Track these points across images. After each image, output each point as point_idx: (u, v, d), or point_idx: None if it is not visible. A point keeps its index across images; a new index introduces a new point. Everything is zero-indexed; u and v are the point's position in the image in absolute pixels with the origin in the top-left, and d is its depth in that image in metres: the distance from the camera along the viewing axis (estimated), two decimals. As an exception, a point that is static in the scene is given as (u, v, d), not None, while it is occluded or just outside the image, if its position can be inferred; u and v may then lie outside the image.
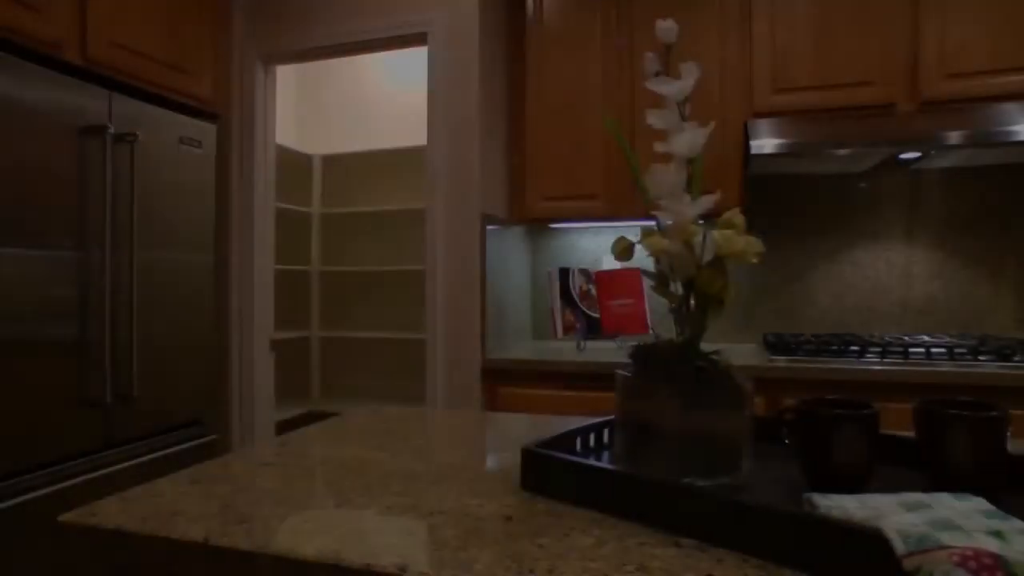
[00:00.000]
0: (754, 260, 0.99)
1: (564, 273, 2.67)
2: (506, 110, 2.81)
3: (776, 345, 2.33)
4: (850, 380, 2.14)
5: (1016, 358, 2.16)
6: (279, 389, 3.64)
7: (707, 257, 0.98)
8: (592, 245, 2.96)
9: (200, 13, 2.60)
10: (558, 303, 2.64)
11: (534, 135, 2.71)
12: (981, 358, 2.16)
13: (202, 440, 2.55)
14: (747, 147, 2.38)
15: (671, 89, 1.02)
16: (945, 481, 0.84)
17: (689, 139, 0.99)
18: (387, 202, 3.78)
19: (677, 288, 1.02)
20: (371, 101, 3.90)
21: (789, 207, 2.79)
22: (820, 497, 0.78)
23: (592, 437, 1.09)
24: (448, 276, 2.52)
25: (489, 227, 2.58)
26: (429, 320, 2.53)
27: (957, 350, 2.22)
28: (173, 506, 0.90)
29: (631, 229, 2.83)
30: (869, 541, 0.61)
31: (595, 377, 2.36)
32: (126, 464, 2.23)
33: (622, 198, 2.62)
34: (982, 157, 2.48)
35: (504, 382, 2.47)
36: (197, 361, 2.56)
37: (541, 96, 2.71)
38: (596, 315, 2.66)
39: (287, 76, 3.93)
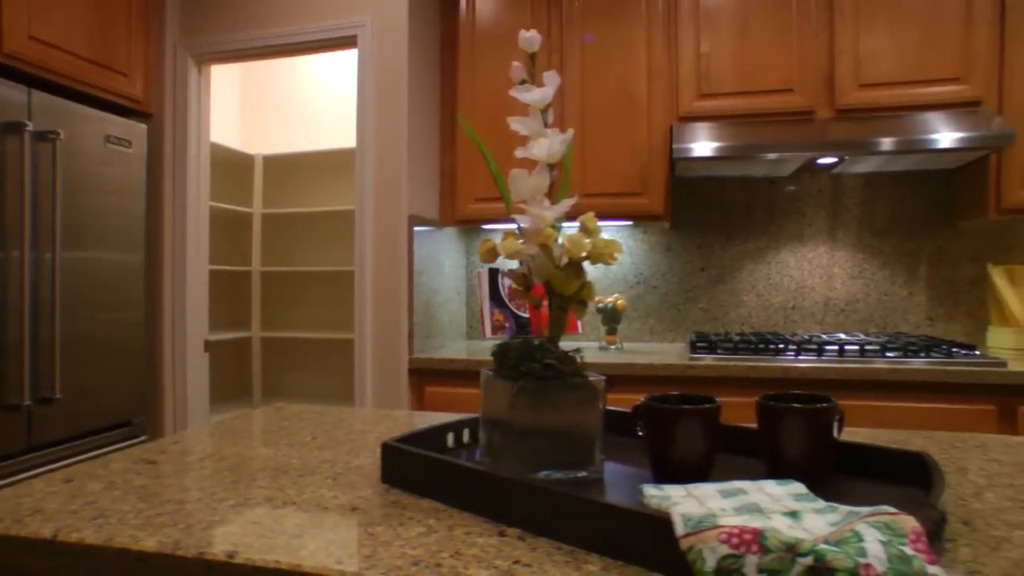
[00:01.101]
0: (611, 262, 1.03)
1: (493, 274, 2.70)
2: (438, 112, 2.83)
3: (699, 344, 2.39)
4: (767, 377, 2.20)
5: (920, 355, 2.24)
6: (220, 390, 3.62)
7: (564, 259, 1.01)
8: (526, 246, 3.00)
9: (130, 11, 2.59)
10: (487, 303, 2.67)
11: (465, 135, 2.74)
12: (888, 355, 2.24)
13: (132, 442, 2.53)
14: (672, 151, 2.43)
15: (533, 97, 1.06)
16: (779, 468, 0.89)
17: (548, 145, 1.03)
18: (329, 203, 3.78)
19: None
20: (315, 102, 3.90)
21: (717, 209, 2.86)
22: (652, 488, 0.82)
23: (466, 433, 1.12)
24: (376, 276, 2.54)
25: (419, 228, 2.60)
26: (357, 320, 2.54)
27: (868, 347, 2.30)
28: (37, 504, 0.90)
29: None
30: (656, 524, 0.65)
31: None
32: (49, 467, 2.21)
33: (552, 200, 2.65)
34: (897, 163, 2.57)
35: (431, 381, 2.50)
36: (127, 362, 2.55)
37: (473, 98, 2.74)
38: (526, 315, 2.69)
39: (230, 76, 3.91)
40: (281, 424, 1.40)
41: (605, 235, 1.05)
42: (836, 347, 2.30)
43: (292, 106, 3.97)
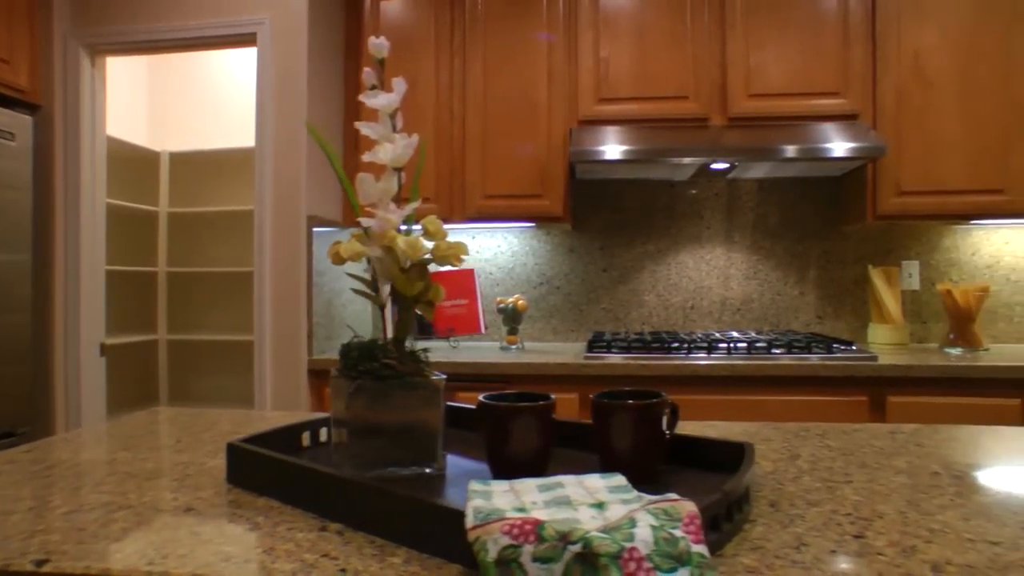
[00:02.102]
0: (457, 264, 1.05)
1: (398, 274, 2.70)
2: (342, 113, 2.81)
3: (594, 343, 2.44)
4: (658, 375, 2.27)
5: (802, 351, 2.36)
6: (124, 396, 3.51)
7: (409, 261, 1.03)
8: (434, 247, 3.01)
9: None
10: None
11: (368, 136, 2.72)
12: (774, 352, 2.34)
13: (17, 449, 2.43)
14: (569, 153, 2.49)
15: (380, 102, 1.08)
16: (609, 461, 0.93)
17: (393, 150, 1.05)
18: (239, 201, 3.71)
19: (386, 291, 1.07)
20: (227, 98, 3.82)
21: (619, 212, 2.93)
22: (478, 483, 0.84)
23: (323, 432, 1.13)
24: (275, 277, 2.51)
25: (320, 229, 2.59)
26: (257, 321, 2.51)
27: (756, 344, 2.40)
28: None
29: (466, 231, 2.91)
30: (453, 518, 0.67)
31: (422, 376, 2.40)
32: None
33: (454, 201, 2.68)
34: (787, 170, 2.69)
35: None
36: (11, 369, 2.44)
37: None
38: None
39: (136, 69, 3.79)
40: (151, 428, 1.38)
41: (451, 237, 1.07)
42: (725, 345, 2.39)
43: (202, 102, 3.87)
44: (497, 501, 0.74)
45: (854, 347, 2.37)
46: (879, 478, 0.97)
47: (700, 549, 0.61)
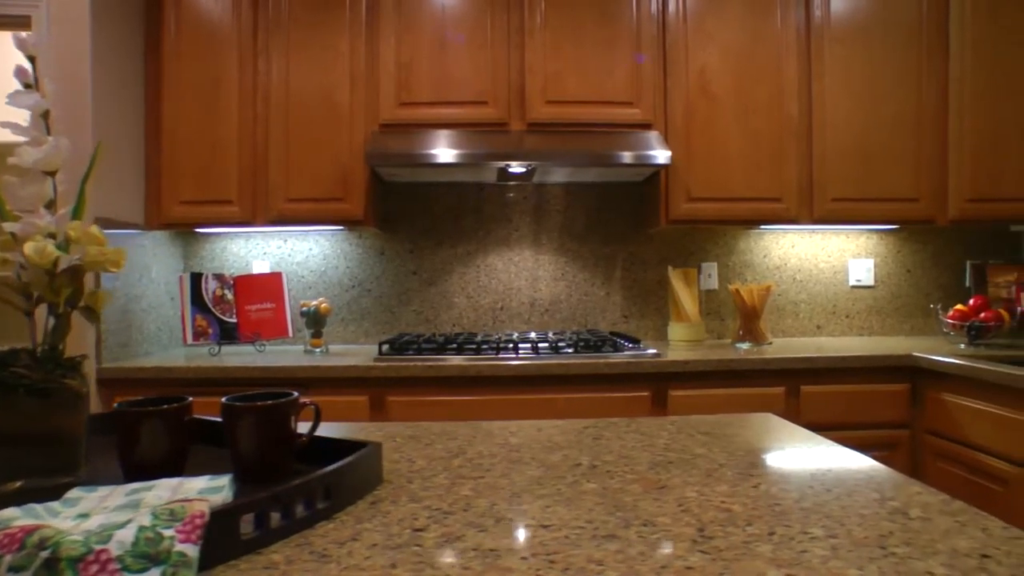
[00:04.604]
0: (113, 270, 1.04)
1: (196, 278, 2.63)
2: (142, 110, 2.71)
3: (384, 346, 2.46)
4: (443, 376, 2.31)
5: (605, 349, 2.46)
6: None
7: (62, 266, 1.01)
8: (243, 250, 2.95)
9: None
10: (189, 309, 2.60)
11: (171, 136, 2.65)
12: (564, 351, 2.43)
13: None
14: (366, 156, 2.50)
15: (28, 102, 1.05)
16: (237, 461, 0.94)
17: (38, 153, 1.02)
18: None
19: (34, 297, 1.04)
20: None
21: (428, 215, 2.97)
22: (77, 491, 0.84)
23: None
24: (52, 282, 2.39)
25: (116, 232, 2.49)
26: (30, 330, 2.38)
27: (559, 344, 2.49)
28: None
29: (276, 235, 2.87)
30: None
31: (213, 382, 2.35)
32: None
33: (258, 203, 2.64)
34: (588, 175, 2.80)
35: (123, 391, 2.39)
36: None
37: (178, 94, 2.65)
38: (233, 320, 2.65)
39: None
40: None
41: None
42: (514, 345, 2.46)
43: None
44: (49, 510, 0.74)
45: (640, 345, 2.49)
46: (514, 473, 1.03)
47: (184, 548, 0.62)
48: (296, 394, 0.97)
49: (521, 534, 0.76)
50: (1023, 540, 0.78)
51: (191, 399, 0.97)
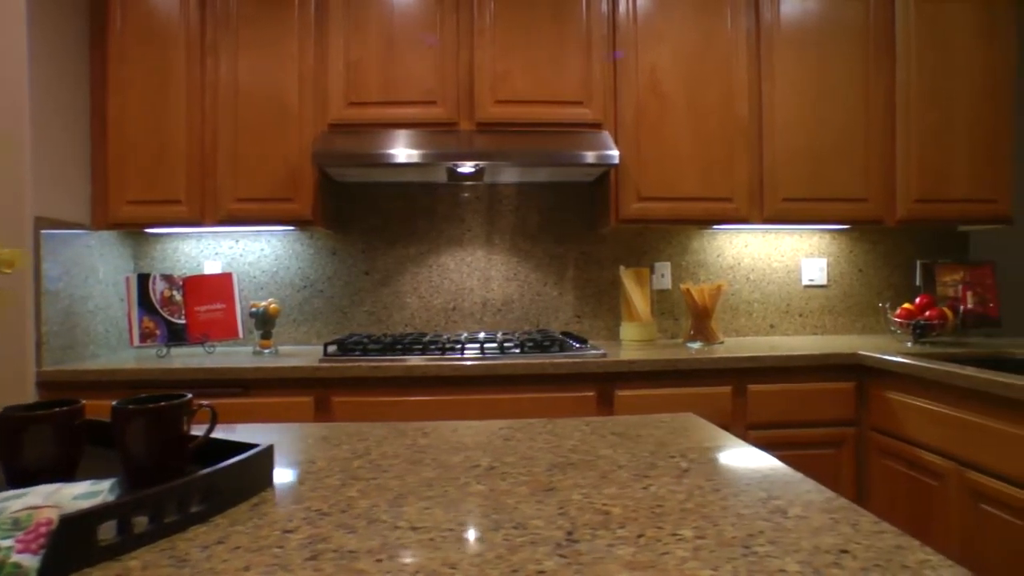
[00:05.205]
0: (7, 270, 1.03)
1: (143, 279, 2.61)
2: (87, 107, 2.68)
3: (330, 347, 2.46)
4: (388, 376, 2.31)
5: (552, 349, 2.47)
6: None
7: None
8: (195, 251, 2.93)
9: None
10: (136, 310, 2.57)
11: (117, 135, 2.62)
12: (512, 351, 2.44)
13: None
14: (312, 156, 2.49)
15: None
16: (125, 463, 0.93)
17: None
18: None
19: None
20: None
21: (380, 215, 2.96)
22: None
23: None
24: (-10, 283, 2.36)
25: (54, 232, 2.46)
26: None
27: (506, 344, 2.49)
28: None
29: (227, 235, 2.85)
30: None
31: (158, 384, 2.33)
32: None
33: (207, 203, 2.62)
34: (539, 175, 2.80)
35: (68, 393, 2.36)
36: None
37: (124, 93, 2.62)
38: (181, 321, 2.63)
39: None
40: None
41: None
42: (460, 346, 2.46)
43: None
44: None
45: (586, 345, 2.50)
46: (409, 474, 1.03)
47: (21, 559, 0.62)
48: (189, 396, 0.96)
49: (387, 536, 0.77)
50: (887, 535, 0.79)
51: (83, 403, 0.96)
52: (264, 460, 0.95)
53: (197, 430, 1.04)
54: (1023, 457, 1.80)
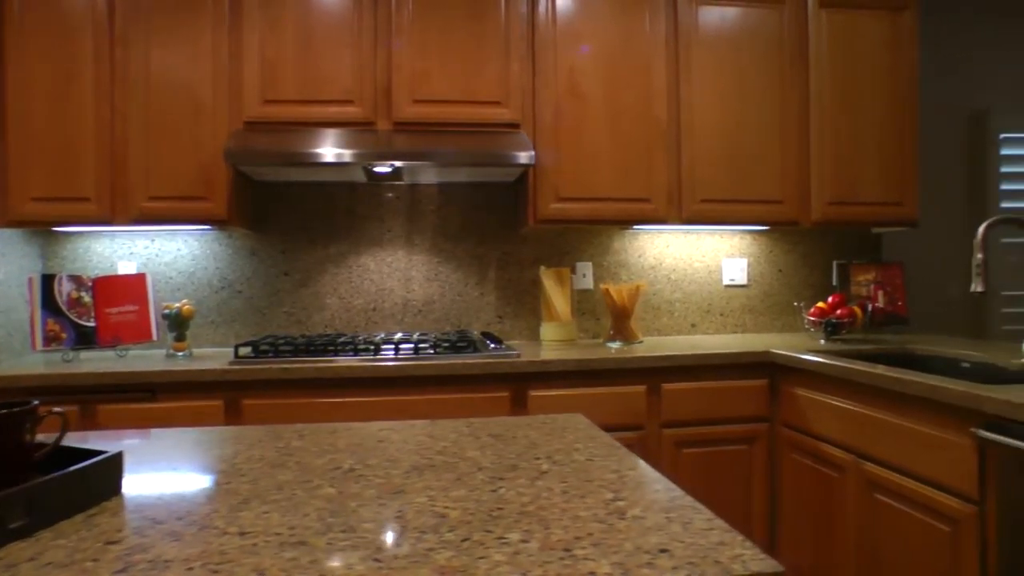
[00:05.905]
0: None
1: (48, 280, 2.53)
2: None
3: (241, 348, 2.42)
4: (300, 378, 2.29)
5: (467, 350, 2.47)
6: None
7: None
8: (108, 250, 2.86)
9: None
10: (40, 312, 2.50)
11: (19, 129, 2.53)
12: (425, 352, 2.44)
13: None
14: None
15: None
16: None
17: None
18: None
19: None
20: None
21: (299, 215, 2.93)
22: None
23: None
24: None
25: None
26: None
27: (420, 345, 2.49)
28: None
29: (142, 235, 2.79)
30: None
31: (62, 391, 2.26)
32: None
33: (117, 201, 2.55)
34: (458, 175, 2.81)
35: (-40, 398, 2.29)
36: None
37: (26, 85, 2.52)
38: (91, 324, 2.56)
39: None
40: None
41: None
42: (374, 347, 2.45)
43: None
44: None
45: (501, 345, 2.52)
46: (264, 478, 1.02)
47: None
48: (36, 403, 0.94)
49: (210, 544, 0.76)
50: (715, 532, 0.82)
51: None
52: (108, 469, 0.94)
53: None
54: (913, 449, 1.87)
